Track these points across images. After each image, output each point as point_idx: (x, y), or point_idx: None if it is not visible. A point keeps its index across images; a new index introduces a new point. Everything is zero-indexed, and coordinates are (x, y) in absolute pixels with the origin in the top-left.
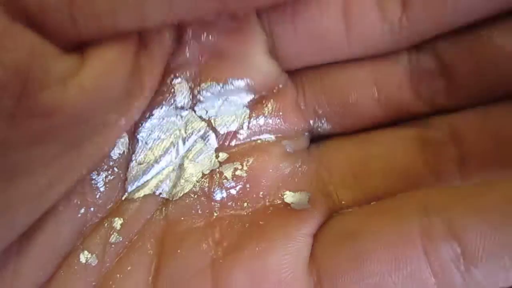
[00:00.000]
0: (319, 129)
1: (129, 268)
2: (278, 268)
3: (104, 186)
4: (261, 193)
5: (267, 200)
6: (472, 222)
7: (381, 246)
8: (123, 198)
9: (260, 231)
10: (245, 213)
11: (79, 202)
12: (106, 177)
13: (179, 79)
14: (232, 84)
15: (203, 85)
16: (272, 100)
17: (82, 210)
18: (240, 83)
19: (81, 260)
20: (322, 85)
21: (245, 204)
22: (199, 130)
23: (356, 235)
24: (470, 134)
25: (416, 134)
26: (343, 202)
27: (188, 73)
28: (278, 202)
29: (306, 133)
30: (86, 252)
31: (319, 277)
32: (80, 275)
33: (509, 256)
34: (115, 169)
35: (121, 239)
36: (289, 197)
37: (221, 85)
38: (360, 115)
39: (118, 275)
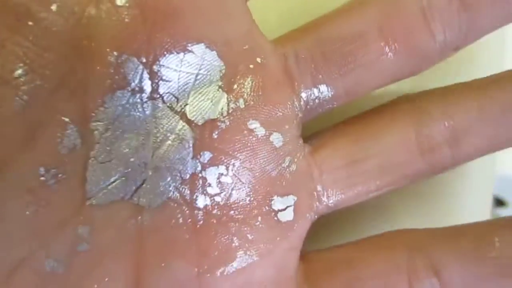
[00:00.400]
0: (316, 101)
1: (106, 279)
2: (263, 282)
3: (56, 185)
4: (248, 199)
5: (254, 209)
6: (449, 260)
7: (374, 274)
8: (87, 203)
9: (247, 245)
10: (232, 224)
11: (27, 199)
12: (56, 175)
13: (125, 56)
14: (193, 52)
15: (161, 59)
16: (250, 77)
17: (33, 208)
18: (203, 49)
19: (46, 268)
20: (318, 39)
21: (232, 212)
22: (171, 124)
23: (351, 262)
24: (464, 119)
25: (413, 126)
26: (331, 204)
27: (135, 45)
28: (266, 209)
29: (299, 115)
30: (50, 260)
31: None
32: (46, 282)
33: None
34: (68, 167)
35: (89, 248)
36: (276, 203)
37: (180, 55)
38: (370, 67)
39: (95, 286)
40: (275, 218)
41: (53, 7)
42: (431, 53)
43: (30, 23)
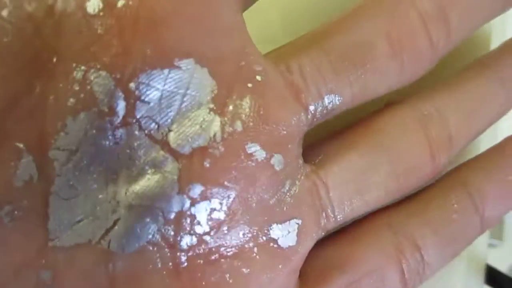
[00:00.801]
0: (324, 111)
1: None
2: None
3: (12, 223)
4: (241, 233)
5: (250, 241)
6: (425, 232)
7: (370, 269)
8: (49, 244)
9: (243, 280)
10: (223, 261)
11: None
12: (11, 212)
13: (93, 70)
14: (180, 68)
15: (140, 75)
16: (248, 97)
17: None
18: (193, 64)
19: None
20: (325, 48)
21: (222, 249)
22: (151, 155)
23: (343, 266)
24: (454, 116)
25: (422, 130)
26: (339, 219)
27: (107, 57)
28: (263, 239)
29: (304, 130)
30: None
31: None
32: None
33: (448, 247)
34: (24, 202)
35: None
36: (276, 230)
37: (165, 71)
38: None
39: None
40: (275, 246)
41: (4, 13)
42: (427, 60)
43: None
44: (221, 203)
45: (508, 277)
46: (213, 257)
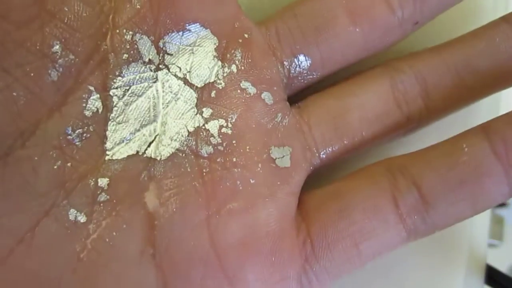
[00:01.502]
0: (297, 69)
1: (124, 226)
2: (267, 222)
3: (80, 143)
4: (247, 147)
5: (254, 156)
6: (426, 172)
7: (362, 198)
8: (106, 159)
9: (250, 188)
10: (235, 170)
11: (54, 155)
12: (81, 134)
13: (138, 35)
14: (190, 30)
15: (165, 37)
16: (240, 48)
17: (59, 163)
18: (199, 27)
19: (70, 217)
20: (295, 15)
21: (234, 159)
22: (176, 88)
23: (339, 193)
24: (432, 72)
25: (388, 82)
26: (322, 156)
27: (145, 26)
28: (265, 156)
29: (284, 80)
30: (73, 210)
31: (308, 229)
32: (70, 231)
33: (454, 192)
34: (91, 128)
35: (108, 198)
36: (274, 152)
37: (180, 33)
38: (340, 41)
39: (114, 233)
40: (274, 165)
41: None
42: (391, 26)
43: (65, 9)
44: (226, 121)
45: (508, 277)
46: (227, 165)
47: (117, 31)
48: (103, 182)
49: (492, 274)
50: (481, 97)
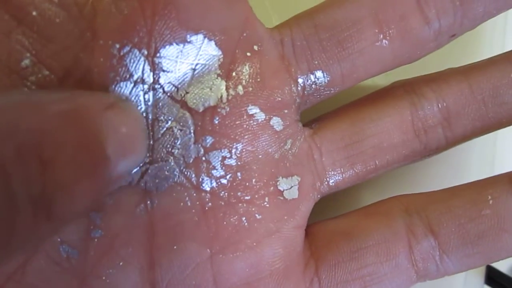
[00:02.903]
0: (313, 86)
1: (121, 263)
2: (272, 261)
3: None
4: (253, 180)
5: (261, 189)
6: (445, 220)
7: (376, 241)
8: None
9: (256, 224)
10: (240, 205)
11: None
12: None
13: (126, 48)
14: (192, 43)
15: (161, 50)
16: (247, 64)
17: None
18: (202, 39)
19: (62, 254)
20: (315, 26)
21: (239, 194)
22: (172, 112)
23: (352, 233)
24: (456, 100)
25: (408, 108)
26: (332, 184)
27: (136, 37)
28: (272, 189)
29: (297, 101)
30: (65, 245)
31: (317, 267)
32: (62, 268)
33: (472, 245)
34: None
35: (103, 234)
36: (282, 183)
37: (180, 45)
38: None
39: (110, 270)
40: (281, 198)
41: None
42: (426, 40)
43: (34, 13)
44: (230, 152)
45: (508, 277)
46: (231, 200)
47: (100, 42)
48: (96, 216)
49: (492, 274)
50: (502, 127)
